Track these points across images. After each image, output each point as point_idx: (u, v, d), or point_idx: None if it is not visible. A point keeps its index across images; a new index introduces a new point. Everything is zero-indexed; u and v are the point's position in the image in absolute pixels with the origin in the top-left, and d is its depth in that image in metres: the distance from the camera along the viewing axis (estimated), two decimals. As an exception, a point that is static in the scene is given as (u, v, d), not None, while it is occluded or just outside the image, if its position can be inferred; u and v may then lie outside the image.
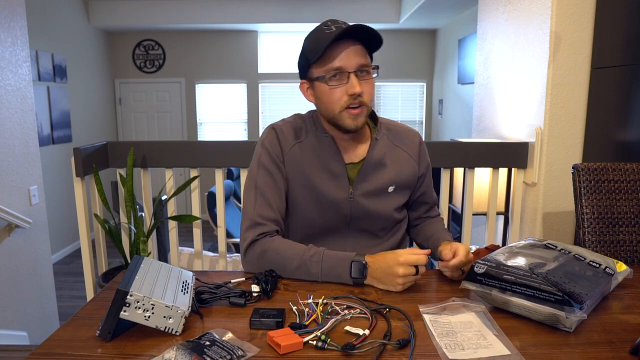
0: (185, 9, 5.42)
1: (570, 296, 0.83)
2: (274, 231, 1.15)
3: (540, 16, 2.04)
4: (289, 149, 1.18)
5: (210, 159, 2.15)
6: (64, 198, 4.73)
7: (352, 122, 1.12)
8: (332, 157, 1.18)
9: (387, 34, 6.09)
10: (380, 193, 1.21)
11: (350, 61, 1.09)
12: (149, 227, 2.17)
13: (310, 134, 1.20)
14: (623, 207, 1.41)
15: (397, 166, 1.23)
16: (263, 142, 1.20)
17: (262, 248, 1.11)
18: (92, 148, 2.07)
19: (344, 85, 1.10)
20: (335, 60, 1.08)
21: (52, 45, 4.67)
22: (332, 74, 1.10)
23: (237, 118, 6.33)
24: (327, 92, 1.12)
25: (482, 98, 2.75)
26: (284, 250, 1.09)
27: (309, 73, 1.15)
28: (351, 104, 1.11)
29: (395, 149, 1.25)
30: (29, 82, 2.70)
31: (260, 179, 1.17)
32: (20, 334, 2.60)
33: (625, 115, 1.79)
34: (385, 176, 1.21)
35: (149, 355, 0.77)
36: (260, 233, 1.13)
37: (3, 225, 2.48)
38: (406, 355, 0.76)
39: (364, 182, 1.20)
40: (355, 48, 1.10)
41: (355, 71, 1.09)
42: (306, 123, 1.22)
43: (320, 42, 1.08)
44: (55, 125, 4.69)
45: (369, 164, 1.20)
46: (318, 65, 1.11)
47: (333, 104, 1.12)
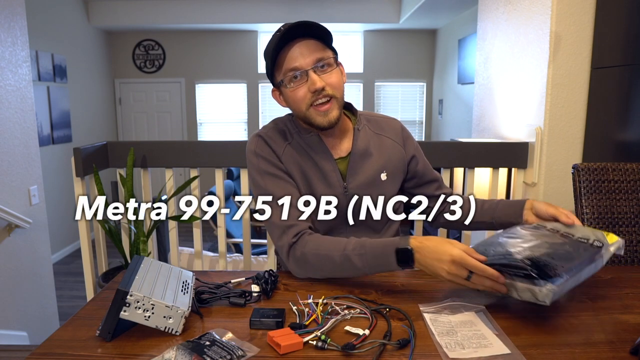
0: (185, 9, 5.42)
1: (542, 269, 0.85)
2: (308, 228, 1.12)
3: (540, 16, 2.04)
4: (283, 150, 1.18)
5: (210, 159, 2.15)
6: (64, 198, 4.72)
7: (323, 119, 1.12)
8: (320, 155, 1.18)
9: (387, 34, 6.09)
10: (374, 181, 1.21)
11: (305, 59, 1.08)
12: (149, 227, 2.17)
13: (295, 136, 1.20)
14: (623, 207, 1.41)
15: (384, 153, 1.23)
16: (255, 151, 1.17)
17: (301, 251, 1.07)
18: (92, 148, 2.07)
19: (305, 84, 1.10)
20: (290, 61, 1.09)
21: (52, 45, 4.67)
22: (292, 76, 1.10)
23: (237, 118, 6.33)
24: (291, 94, 1.12)
25: (482, 98, 2.75)
26: (324, 249, 1.05)
27: (274, 80, 1.15)
28: (317, 100, 1.10)
29: (379, 137, 1.25)
30: (29, 82, 2.70)
31: (270, 187, 1.14)
32: (20, 334, 2.60)
33: (625, 115, 1.79)
34: (374, 164, 1.21)
35: (149, 355, 0.77)
36: (295, 234, 1.09)
37: (3, 225, 2.48)
38: (406, 355, 0.76)
39: (356, 174, 1.20)
40: (308, 44, 1.09)
41: (313, 67, 1.09)
42: (288, 126, 1.22)
43: (272, 48, 1.08)
44: (55, 125, 4.69)
45: (356, 155, 1.20)
46: (277, 70, 1.12)
47: (298, 103, 1.12)
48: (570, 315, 0.90)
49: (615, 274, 1.12)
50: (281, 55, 1.09)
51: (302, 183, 1.18)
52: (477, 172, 2.32)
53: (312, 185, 1.18)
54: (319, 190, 1.18)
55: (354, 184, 1.19)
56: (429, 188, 1.32)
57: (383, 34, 6.10)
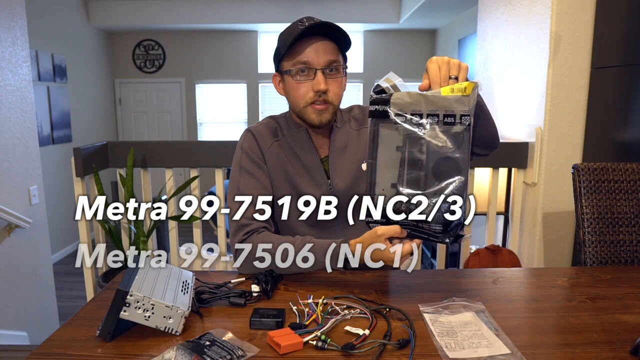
0: (185, 9, 5.42)
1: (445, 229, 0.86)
2: (262, 227, 1.12)
3: (540, 16, 2.04)
4: (268, 148, 1.19)
5: (210, 159, 2.15)
6: (64, 198, 4.72)
7: (317, 117, 1.13)
8: (306, 152, 1.19)
9: (387, 34, 6.09)
10: (356, 174, 1.20)
11: (319, 58, 1.09)
12: (149, 227, 2.17)
13: (286, 133, 1.21)
14: (623, 207, 1.41)
15: (362, 144, 1.23)
16: (242, 145, 1.19)
17: (250, 247, 1.07)
18: (92, 148, 2.07)
19: (311, 81, 1.11)
20: (303, 55, 1.09)
21: (52, 45, 4.67)
22: (300, 69, 1.11)
23: (237, 118, 6.33)
24: (294, 86, 1.13)
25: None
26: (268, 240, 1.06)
27: (280, 66, 1.16)
28: (316, 100, 1.12)
29: (358, 132, 1.24)
30: (29, 82, 2.70)
31: (242, 183, 1.16)
32: (20, 334, 2.60)
33: (625, 115, 1.79)
34: (353, 157, 1.21)
35: (149, 355, 0.77)
36: (246, 232, 1.10)
37: (3, 225, 2.48)
38: (406, 355, 0.76)
39: (337, 170, 1.20)
40: (325, 44, 1.10)
41: (323, 68, 1.10)
42: (279, 123, 1.23)
43: (290, 36, 1.09)
44: (55, 125, 4.69)
45: (335, 151, 1.20)
46: (287, 58, 1.12)
47: (298, 98, 1.13)
48: (570, 315, 0.90)
49: (615, 274, 1.12)
50: (297, 46, 1.10)
51: (285, 182, 1.18)
52: (477, 172, 2.32)
53: (296, 184, 1.18)
54: (306, 188, 1.18)
55: (337, 180, 1.19)
56: None
57: (383, 34, 6.10)
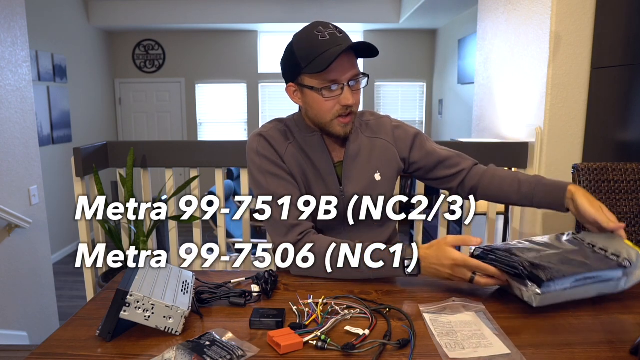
0: (185, 9, 5.42)
1: (535, 271, 0.88)
2: (311, 227, 1.13)
3: (540, 16, 2.04)
4: (285, 149, 1.18)
5: (210, 159, 2.15)
6: (64, 198, 4.72)
7: (343, 130, 1.14)
8: (320, 156, 1.19)
9: (387, 34, 6.09)
10: (369, 183, 1.21)
11: (345, 73, 1.08)
12: (149, 227, 2.17)
13: (297, 136, 1.19)
14: (623, 207, 1.41)
15: (377, 154, 1.23)
16: (257, 150, 1.16)
17: (308, 249, 1.07)
18: (92, 148, 2.07)
19: (338, 96, 1.10)
20: (331, 73, 1.07)
21: (52, 45, 4.67)
22: (329, 86, 1.09)
23: (237, 118, 6.33)
24: (319, 100, 1.11)
25: (482, 98, 2.75)
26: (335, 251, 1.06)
27: (299, 78, 1.12)
28: (342, 114, 1.12)
29: (371, 140, 1.24)
30: (29, 82, 2.70)
31: (273, 187, 1.14)
32: (20, 334, 2.59)
33: (625, 115, 1.79)
34: (367, 165, 1.21)
35: (149, 355, 0.77)
36: (300, 233, 1.10)
37: (3, 225, 2.48)
38: (406, 355, 0.76)
39: (350, 176, 1.20)
40: (350, 59, 1.09)
41: (349, 82, 1.09)
42: (288, 126, 1.21)
43: (315, 50, 1.06)
44: (55, 125, 4.69)
45: (349, 158, 1.20)
46: (313, 74, 1.08)
47: (325, 112, 1.12)
48: (570, 315, 0.90)
49: (615, 274, 1.12)
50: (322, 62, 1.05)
51: (303, 183, 1.19)
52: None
53: (311, 185, 1.19)
54: (318, 191, 1.19)
55: (349, 186, 1.20)
56: (441, 170, 1.27)
57: (383, 34, 6.10)
